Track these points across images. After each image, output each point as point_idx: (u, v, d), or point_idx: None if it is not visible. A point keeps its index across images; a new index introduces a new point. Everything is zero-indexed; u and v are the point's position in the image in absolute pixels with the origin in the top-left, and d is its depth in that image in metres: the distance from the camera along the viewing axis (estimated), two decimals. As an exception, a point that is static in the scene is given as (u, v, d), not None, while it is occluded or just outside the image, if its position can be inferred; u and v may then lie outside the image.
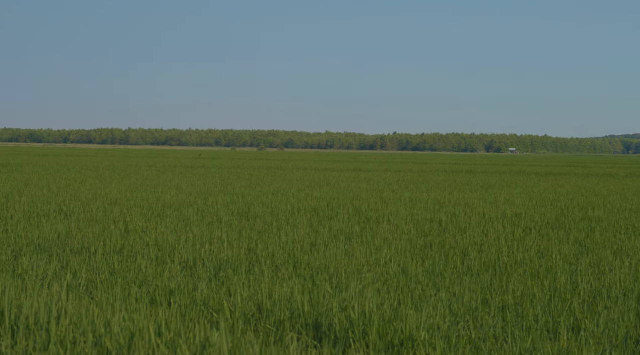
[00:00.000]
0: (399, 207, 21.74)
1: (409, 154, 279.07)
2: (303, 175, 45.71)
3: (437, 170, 62.69)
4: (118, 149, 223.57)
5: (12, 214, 17.31)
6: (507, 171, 62.37)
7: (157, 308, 8.02)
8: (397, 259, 11.75)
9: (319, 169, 59.71)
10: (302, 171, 53.08)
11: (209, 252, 12.02)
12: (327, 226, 16.06)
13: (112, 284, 9.44)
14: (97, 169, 47.98)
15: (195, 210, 19.07)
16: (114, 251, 12.16)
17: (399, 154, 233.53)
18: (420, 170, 61.75)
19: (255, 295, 8.50)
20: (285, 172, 49.82)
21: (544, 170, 68.15)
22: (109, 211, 18.46)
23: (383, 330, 7.13)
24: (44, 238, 13.30)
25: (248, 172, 49.49)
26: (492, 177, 48.99)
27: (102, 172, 43.30)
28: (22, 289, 7.75)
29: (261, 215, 18.23)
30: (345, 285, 9.48)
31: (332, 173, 50.34)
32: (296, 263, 11.29)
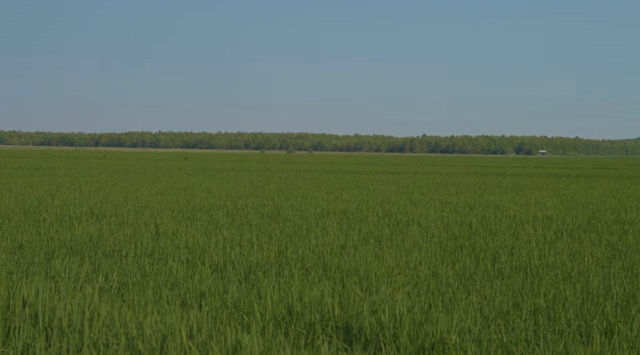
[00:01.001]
0: (428, 209, 21.67)
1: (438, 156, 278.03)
2: (332, 177, 45.72)
3: (466, 172, 62.41)
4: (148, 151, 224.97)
5: (45, 217, 17.48)
6: (537, 173, 61.94)
7: (188, 310, 8.06)
8: (427, 262, 11.71)
9: (347, 171, 59.70)
10: (331, 174, 53.09)
11: (239, 254, 12.06)
12: (356, 229, 16.05)
13: (143, 287, 9.50)
14: (128, 172, 48.33)
15: (225, 213, 19.14)
16: (145, 254, 12.24)
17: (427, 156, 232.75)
18: (449, 172, 61.52)
19: (286, 298, 8.51)
20: (314, 175, 49.85)
21: (575, 172, 67.59)
22: (140, 214, 18.58)
23: (414, 333, 7.11)
24: (76, 240, 13.42)
25: (277, 174, 49.59)
26: (523, 179, 48.67)
27: (132, 175, 43.61)
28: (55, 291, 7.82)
29: (290, 218, 18.26)
30: (375, 288, 9.46)
31: (361, 176, 50.29)
32: (326, 266, 11.30)
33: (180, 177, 41.89)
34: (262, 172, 54.82)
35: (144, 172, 50.01)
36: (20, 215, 17.79)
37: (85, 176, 41.12)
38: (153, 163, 75.12)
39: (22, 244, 12.96)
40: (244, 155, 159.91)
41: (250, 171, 55.77)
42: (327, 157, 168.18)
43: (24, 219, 17.04)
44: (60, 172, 46.17)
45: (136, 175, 43.55)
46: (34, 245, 12.87)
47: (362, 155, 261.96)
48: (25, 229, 15.08)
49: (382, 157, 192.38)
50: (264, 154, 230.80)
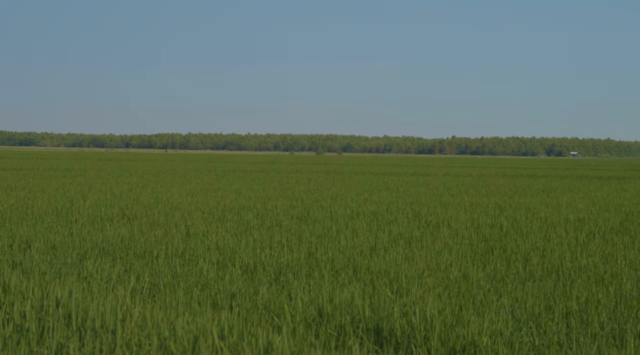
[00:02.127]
0: (458, 211, 21.58)
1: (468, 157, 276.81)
2: (361, 179, 45.68)
3: (496, 174, 62.05)
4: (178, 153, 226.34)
5: (77, 218, 17.64)
6: (568, 175, 61.45)
7: (219, 311, 8.10)
8: (458, 264, 11.66)
9: (377, 173, 59.62)
10: (361, 175, 53.05)
11: (269, 256, 12.09)
12: (386, 230, 16.03)
13: (174, 288, 9.56)
14: (158, 174, 48.63)
15: (254, 214, 19.20)
16: (176, 255, 12.31)
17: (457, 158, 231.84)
18: (479, 174, 61.21)
19: (316, 300, 8.51)
20: (343, 176, 49.85)
21: (607, 174, 66.96)
22: (170, 215, 18.69)
23: (444, 335, 7.08)
24: (108, 241, 13.53)
25: (307, 176, 49.64)
26: (554, 181, 48.31)
27: (162, 177, 43.88)
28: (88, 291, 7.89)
29: (320, 220, 18.27)
30: (405, 290, 9.44)
31: (391, 177, 50.21)
32: (356, 267, 11.29)
33: (210, 179, 42.08)
34: (291, 173, 54.91)
35: (174, 173, 50.31)
36: (52, 216, 17.98)
37: (116, 177, 41.45)
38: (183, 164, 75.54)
39: (55, 245, 13.10)
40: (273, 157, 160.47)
41: (279, 173, 55.89)
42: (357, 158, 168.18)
43: (56, 220, 17.21)
44: (91, 174, 46.58)
45: (166, 177, 43.81)
46: (66, 246, 13.00)
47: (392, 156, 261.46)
48: (58, 230, 15.23)
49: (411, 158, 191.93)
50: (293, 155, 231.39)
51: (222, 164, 79.62)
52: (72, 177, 40.75)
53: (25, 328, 5.65)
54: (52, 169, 54.68)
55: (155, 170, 54.76)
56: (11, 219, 17.21)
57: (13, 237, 13.84)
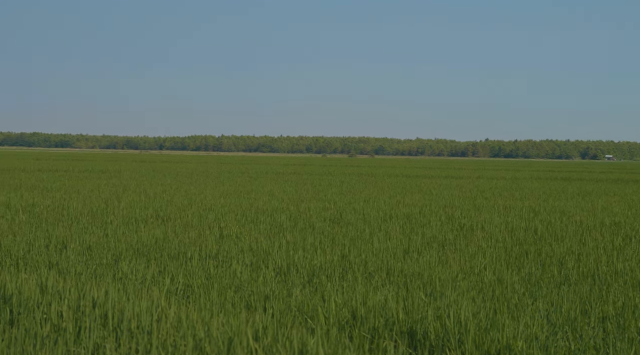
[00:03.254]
0: (492, 214, 21.45)
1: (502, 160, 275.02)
2: (394, 181, 45.58)
3: (530, 177, 61.59)
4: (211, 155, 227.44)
5: (112, 219, 17.80)
6: (604, 178, 60.81)
7: (253, 313, 8.12)
8: (492, 267, 11.59)
9: (409, 175, 59.44)
10: (393, 178, 52.93)
11: (302, 258, 12.11)
12: (419, 233, 15.97)
13: (208, 289, 9.60)
14: (192, 175, 48.91)
15: (287, 216, 19.23)
16: (210, 256, 12.37)
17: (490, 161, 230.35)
18: (513, 177, 60.79)
19: (349, 302, 8.51)
20: (376, 179, 49.76)
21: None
22: (204, 217, 18.79)
23: (479, 339, 7.04)
24: (142, 243, 13.62)
25: (339, 178, 49.63)
26: (589, 184, 47.84)
27: (196, 178, 44.12)
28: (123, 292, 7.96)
29: (353, 222, 18.26)
30: (439, 293, 9.40)
31: (424, 180, 50.03)
32: (389, 270, 11.27)
33: (243, 181, 42.23)
34: (323, 175, 54.93)
35: (207, 175, 50.57)
36: (88, 217, 18.15)
37: (150, 179, 41.75)
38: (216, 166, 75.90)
39: (90, 246, 13.22)
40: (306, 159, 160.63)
41: (312, 175, 55.93)
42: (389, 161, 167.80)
43: (91, 221, 17.38)
44: (125, 175, 46.96)
45: (200, 179, 44.05)
46: (101, 247, 13.12)
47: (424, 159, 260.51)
48: (93, 231, 15.38)
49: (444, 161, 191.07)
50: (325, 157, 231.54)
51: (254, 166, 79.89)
52: (106, 179, 41.11)
53: (63, 328, 5.71)
54: (87, 170, 55.23)
55: (189, 172, 55.07)
56: (47, 220, 17.41)
57: (49, 238, 13.99)
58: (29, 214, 18.70)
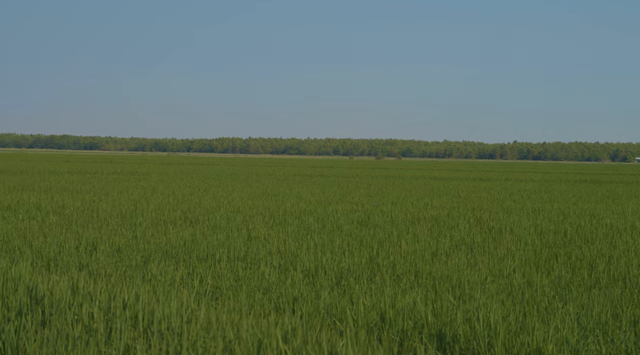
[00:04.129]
0: (521, 217, 21.32)
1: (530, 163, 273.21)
2: (422, 184, 45.45)
3: (559, 179, 61.14)
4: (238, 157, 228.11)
5: (141, 221, 17.91)
6: (634, 181, 60.20)
7: (282, 315, 8.14)
8: (521, 270, 11.52)
9: (437, 178, 59.24)
10: (421, 180, 52.77)
11: (330, 260, 12.11)
12: (447, 236, 15.92)
13: (237, 291, 9.63)
14: (220, 177, 49.09)
15: (315, 219, 19.24)
16: (238, 258, 12.41)
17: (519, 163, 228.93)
18: (542, 179, 60.38)
19: (378, 304, 8.50)
20: (403, 181, 49.65)
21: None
22: (232, 219, 18.85)
23: (509, 342, 7.00)
24: (171, 244, 13.70)
25: (366, 181, 49.58)
26: (619, 187, 47.40)
27: (224, 181, 44.28)
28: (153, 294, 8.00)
29: (381, 224, 18.23)
30: (468, 296, 9.36)
31: (451, 182, 49.83)
32: (417, 272, 11.24)
33: (270, 183, 42.32)
34: (351, 178, 54.90)
35: (235, 177, 50.73)
36: (117, 219, 18.28)
37: (179, 181, 41.96)
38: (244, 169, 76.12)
39: (120, 247, 13.31)
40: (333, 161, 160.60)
41: (339, 177, 55.92)
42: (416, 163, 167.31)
43: (121, 223, 17.49)
44: (154, 177, 47.23)
45: (227, 181, 44.20)
46: (130, 249, 13.20)
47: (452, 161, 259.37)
48: (123, 233, 15.48)
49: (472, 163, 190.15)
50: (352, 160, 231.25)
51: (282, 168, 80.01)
52: (135, 181, 41.37)
53: (94, 329, 5.75)
54: (115, 172, 55.62)
55: (217, 174, 55.28)
56: (77, 222, 17.55)
57: (79, 239, 14.11)
58: (59, 216, 18.87)
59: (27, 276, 7.71)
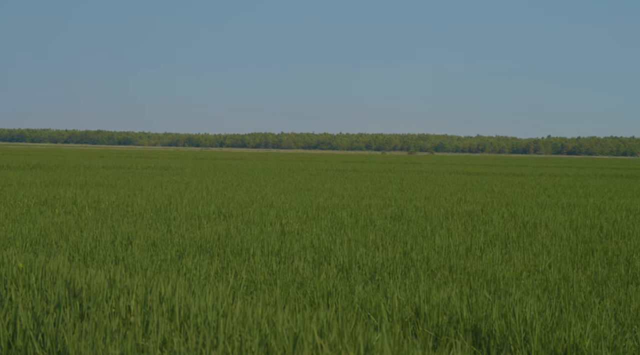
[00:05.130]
0: (556, 212, 21.15)
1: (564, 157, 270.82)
2: (455, 179, 45.25)
3: (594, 174, 60.54)
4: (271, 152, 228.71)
5: (175, 216, 18.03)
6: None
7: (317, 309, 8.15)
8: (557, 266, 11.43)
9: (470, 173, 58.93)
10: (454, 175, 52.54)
11: (364, 255, 12.10)
12: (481, 231, 15.84)
13: (271, 285, 9.67)
14: (252, 172, 49.27)
15: (348, 213, 19.25)
16: (272, 253, 12.45)
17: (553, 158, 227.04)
18: (576, 174, 59.84)
19: (412, 299, 8.48)
20: (436, 176, 49.47)
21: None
22: (265, 214, 18.91)
23: (545, 338, 6.95)
24: (205, 239, 13.78)
25: (399, 175, 49.47)
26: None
27: (257, 176, 44.43)
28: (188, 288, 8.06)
29: (414, 219, 18.18)
30: (503, 291, 9.31)
31: (485, 177, 49.56)
32: (452, 267, 11.20)
33: (303, 178, 42.38)
34: (383, 173, 54.81)
35: (268, 172, 50.88)
36: (152, 214, 18.42)
37: (212, 176, 42.18)
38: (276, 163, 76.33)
39: (155, 242, 13.42)
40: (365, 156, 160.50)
41: (371, 172, 55.86)
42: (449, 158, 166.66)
43: (155, 218, 17.63)
44: (187, 172, 47.52)
45: (260, 176, 44.34)
46: (165, 243, 13.30)
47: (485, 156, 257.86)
48: (157, 227, 15.60)
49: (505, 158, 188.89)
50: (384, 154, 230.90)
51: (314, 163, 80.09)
52: (169, 176, 41.66)
53: (131, 322, 5.81)
54: (149, 167, 56.03)
55: (249, 169, 55.48)
56: (113, 216, 17.72)
57: (115, 234, 14.24)
58: (95, 211, 19.07)
59: (64, 270, 7.80)
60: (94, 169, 49.44)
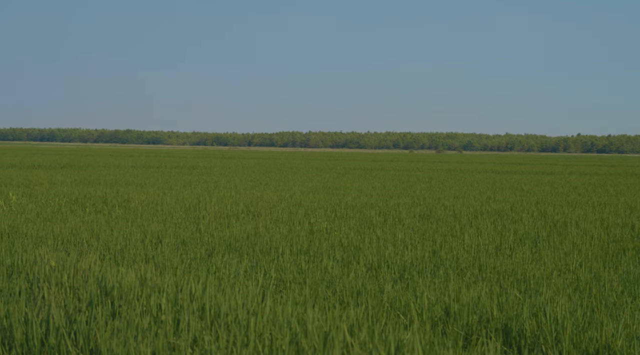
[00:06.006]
0: (586, 210, 20.97)
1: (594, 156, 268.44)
2: (483, 177, 45.03)
3: (625, 173, 59.95)
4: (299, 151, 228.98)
5: (204, 214, 18.11)
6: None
7: (346, 308, 8.15)
8: (588, 265, 11.34)
9: (499, 171, 58.61)
10: (482, 174, 52.28)
11: (393, 253, 12.08)
12: (511, 229, 15.74)
13: (300, 284, 9.68)
14: (280, 171, 49.36)
15: (377, 212, 19.22)
16: (301, 251, 12.46)
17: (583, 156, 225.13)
18: (607, 172, 59.30)
19: (442, 298, 8.46)
20: (465, 175, 49.25)
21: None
22: (294, 212, 18.93)
23: (577, 337, 6.90)
24: (234, 238, 13.82)
25: (427, 174, 49.32)
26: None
27: (285, 174, 44.50)
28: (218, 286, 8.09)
29: (443, 218, 18.12)
30: (534, 291, 9.25)
31: (514, 176, 49.27)
32: (481, 266, 11.15)
33: (331, 177, 42.39)
34: (411, 171, 54.68)
35: (296, 171, 50.94)
36: (181, 213, 18.52)
37: (240, 175, 42.32)
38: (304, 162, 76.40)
39: (185, 240, 13.49)
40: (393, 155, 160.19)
41: (399, 171, 55.74)
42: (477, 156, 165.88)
43: (184, 216, 17.72)
44: (216, 171, 47.71)
45: (288, 175, 44.41)
46: (195, 242, 13.37)
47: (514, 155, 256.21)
48: (187, 226, 15.68)
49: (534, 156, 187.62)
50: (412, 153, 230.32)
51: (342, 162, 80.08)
52: (197, 175, 41.86)
53: (162, 320, 5.84)
54: (178, 166, 56.33)
55: (277, 168, 55.59)
56: (142, 215, 17.83)
57: (145, 233, 14.33)
58: (125, 209, 19.20)
59: (96, 268, 7.87)
60: (123, 168, 49.79)
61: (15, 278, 7.78)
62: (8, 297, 6.67)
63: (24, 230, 14.52)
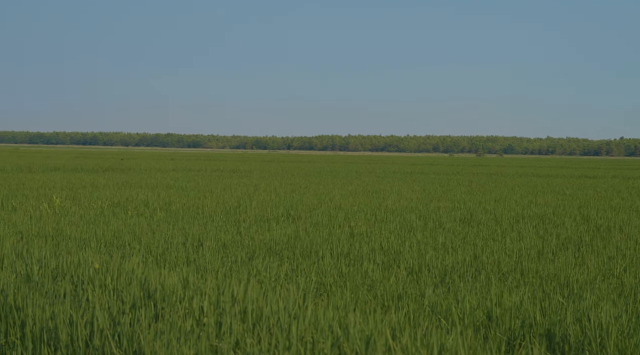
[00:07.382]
0: (630, 215, 20.68)
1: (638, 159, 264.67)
2: (525, 181, 44.63)
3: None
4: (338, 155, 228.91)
5: (244, 218, 18.19)
6: None
7: (388, 312, 8.13)
8: (632, 270, 11.18)
9: (540, 175, 58.05)
10: (524, 177, 51.83)
11: (434, 257, 12.02)
12: (553, 234, 15.58)
13: (341, 287, 9.67)
14: (320, 175, 49.39)
15: (417, 216, 19.15)
16: (341, 255, 12.46)
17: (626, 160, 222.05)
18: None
19: (483, 303, 8.39)
20: (505, 179, 48.86)
21: None
22: (334, 216, 18.93)
23: (622, 343, 6.81)
24: (274, 241, 13.86)
25: (467, 178, 49.01)
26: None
27: (324, 178, 44.52)
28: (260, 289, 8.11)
29: (484, 222, 17.99)
30: (577, 296, 9.15)
31: (555, 179, 48.77)
32: (523, 271, 11.05)
33: (370, 180, 42.32)
34: (451, 175, 54.37)
35: (335, 174, 50.94)
36: (221, 216, 18.62)
37: (280, 179, 42.43)
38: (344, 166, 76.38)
39: (225, 244, 13.56)
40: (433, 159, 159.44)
41: (439, 174, 55.46)
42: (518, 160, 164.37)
43: (225, 219, 17.81)
44: (255, 175, 47.89)
45: (328, 178, 44.43)
46: (235, 245, 13.43)
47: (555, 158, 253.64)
48: (227, 229, 15.76)
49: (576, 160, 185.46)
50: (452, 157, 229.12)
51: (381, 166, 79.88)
52: (237, 178, 42.05)
53: (204, 323, 5.88)
54: (218, 170, 56.64)
55: (317, 171, 55.63)
56: (184, 218, 17.96)
57: (186, 236, 14.43)
58: (166, 212, 19.36)
59: (139, 271, 7.94)
60: (164, 172, 50.19)
61: (60, 280, 7.88)
62: (53, 298, 6.76)
63: (68, 232, 14.71)
